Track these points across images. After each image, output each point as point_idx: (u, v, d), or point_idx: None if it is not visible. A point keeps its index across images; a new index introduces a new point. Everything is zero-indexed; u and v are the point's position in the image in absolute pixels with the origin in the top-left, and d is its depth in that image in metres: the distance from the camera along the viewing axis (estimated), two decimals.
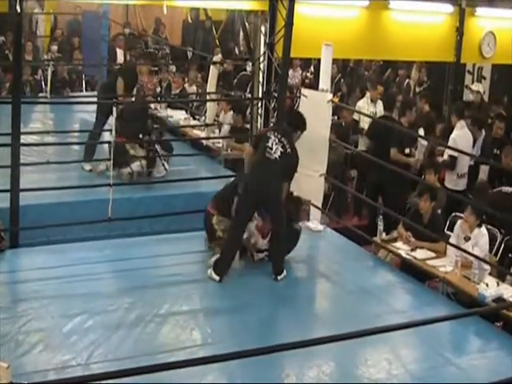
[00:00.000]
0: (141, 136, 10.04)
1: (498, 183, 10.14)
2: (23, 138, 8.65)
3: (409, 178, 9.81)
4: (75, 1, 15.74)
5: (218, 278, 7.49)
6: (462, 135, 10.61)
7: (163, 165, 10.07)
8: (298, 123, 8.22)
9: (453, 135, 10.58)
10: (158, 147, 10.16)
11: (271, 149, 7.67)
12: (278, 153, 7.68)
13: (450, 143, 10.39)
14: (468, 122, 10.87)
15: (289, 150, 7.76)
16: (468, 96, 14.01)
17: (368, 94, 12.64)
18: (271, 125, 9.80)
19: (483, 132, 11.12)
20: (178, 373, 5.36)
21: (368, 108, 12.15)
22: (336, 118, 12.00)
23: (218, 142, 11.69)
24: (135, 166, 9.78)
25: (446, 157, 10.51)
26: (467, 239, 8.04)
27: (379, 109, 12.34)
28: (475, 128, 10.95)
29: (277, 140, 7.72)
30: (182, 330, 6.64)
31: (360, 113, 11.82)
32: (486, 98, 14.27)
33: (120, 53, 16.90)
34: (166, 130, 12.01)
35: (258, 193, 7.67)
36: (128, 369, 4.32)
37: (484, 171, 10.62)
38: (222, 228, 7.84)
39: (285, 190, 7.95)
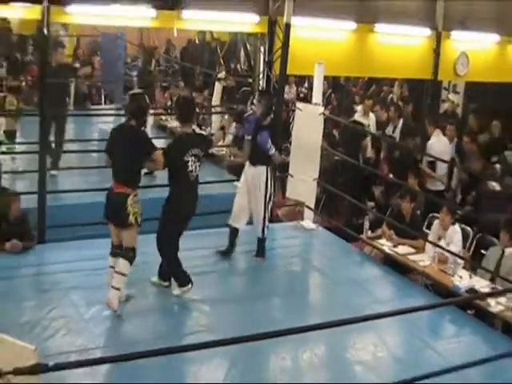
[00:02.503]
0: None
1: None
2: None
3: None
4: (95, 24, 15.70)
5: (190, 285, 6.93)
6: (437, 141, 10.83)
7: None
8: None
9: (430, 142, 10.70)
10: None
11: (192, 171, 6.86)
12: (196, 170, 6.92)
13: (427, 149, 10.48)
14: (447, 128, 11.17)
15: (202, 153, 6.99)
16: (444, 105, 14.12)
17: (360, 108, 12.61)
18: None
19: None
20: (186, 355, 5.39)
21: (362, 121, 12.15)
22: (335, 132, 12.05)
23: (222, 150, 11.67)
24: None
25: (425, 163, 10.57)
26: (441, 238, 8.06)
27: (372, 121, 12.36)
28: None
29: (193, 158, 6.84)
30: (189, 318, 6.64)
31: (353, 123, 11.81)
32: (459, 111, 14.33)
33: None
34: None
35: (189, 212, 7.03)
36: (142, 351, 4.30)
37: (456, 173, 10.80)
38: (136, 211, 6.58)
39: None
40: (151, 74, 13.62)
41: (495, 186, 9.46)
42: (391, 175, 10.85)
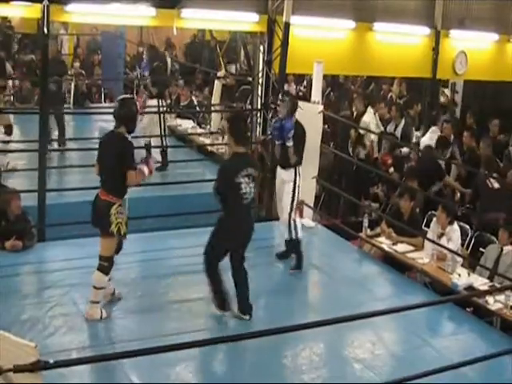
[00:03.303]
0: None
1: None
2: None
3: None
4: (95, 23, 15.69)
5: (223, 312, 6.58)
6: (433, 137, 11.04)
7: None
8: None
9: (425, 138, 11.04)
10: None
11: (246, 193, 6.37)
12: (251, 192, 6.44)
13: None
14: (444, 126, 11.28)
15: (257, 173, 6.57)
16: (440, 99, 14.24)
17: (370, 109, 12.59)
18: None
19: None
20: (186, 353, 5.40)
21: (373, 118, 12.29)
22: (326, 126, 11.98)
23: (222, 148, 11.67)
24: None
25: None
26: (440, 236, 8.07)
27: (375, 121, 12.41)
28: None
29: (247, 179, 6.36)
30: (191, 315, 6.64)
31: (348, 122, 11.81)
32: (458, 109, 14.36)
33: None
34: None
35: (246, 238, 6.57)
36: (142, 349, 4.31)
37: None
38: (119, 221, 6.34)
39: None
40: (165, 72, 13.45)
41: (494, 183, 9.46)
42: (392, 170, 10.91)
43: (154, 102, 11.01)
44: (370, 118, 12.20)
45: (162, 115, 10.82)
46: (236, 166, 6.38)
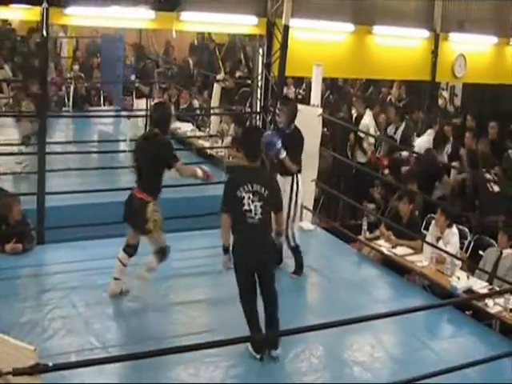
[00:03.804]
0: None
1: None
2: (48, 148, 8.63)
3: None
4: (94, 26, 15.70)
5: (258, 355, 5.95)
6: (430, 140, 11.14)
7: None
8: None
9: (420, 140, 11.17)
10: None
11: (250, 211, 5.81)
12: (258, 212, 5.82)
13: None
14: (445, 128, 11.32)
15: (267, 192, 5.86)
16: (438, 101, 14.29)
17: (368, 111, 12.60)
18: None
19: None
20: (186, 355, 5.38)
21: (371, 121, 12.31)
22: (326, 129, 11.99)
23: (221, 151, 11.68)
24: None
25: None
26: (438, 239, 8.08)
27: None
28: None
29: (251, 195, 5.81)
30: (191, 318, 6.64)
31: (346, 125, 11.81)
32: (455, 112, 14.40)
33: None
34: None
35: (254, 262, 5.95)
36: (142, 352, 4.31)
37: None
38: (156, 219, 6.56)
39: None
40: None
41: (494, 186, 9.48)
42: (387, 171, 10.93)
43: (142, 101, 11.11)
44: (369, 121, 12.21)
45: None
46: (240, 179, 5.92)
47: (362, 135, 11.74)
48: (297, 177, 7.70)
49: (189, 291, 7.20)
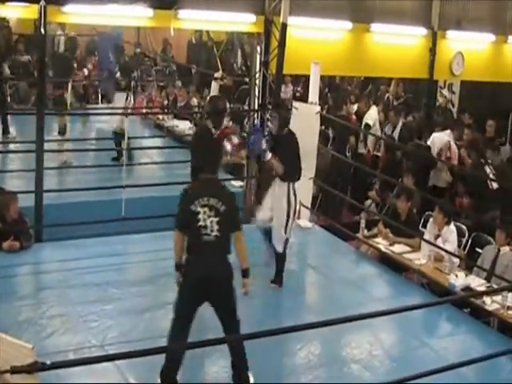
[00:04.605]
0: None
1: None
2: (46, 145, 8.62)
3: None
4: (92, 24, 15.67)
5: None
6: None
7: None
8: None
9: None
10: None
11: (205, 227, 5.25)
12: (214, 228, 5.26)
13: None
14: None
15: (224, 207, 5.28)
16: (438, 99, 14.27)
17: (374, 107, 12.64)
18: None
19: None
20: (189, 353, 5.38)
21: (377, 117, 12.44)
22: (324, 127, 12.01)
23: None
24: None
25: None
26: (436, 237, 8.07)
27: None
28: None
29: (206, 209, 5.25)
30: None
31: (345, 122, 11.83)
32: (455, 110, 14.39)
33: None
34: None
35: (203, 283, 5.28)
36: (139, 350, 4.31)
37: None
38: None
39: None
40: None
41: (493, 183, 9.49)
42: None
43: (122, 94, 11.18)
44: (375, 116, 12.29)
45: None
46: (195, 193, 5.36)
47: (370, 124, 11.92)
48: (292, 186, 7.36)
49: None
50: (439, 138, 11.08)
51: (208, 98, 7.66)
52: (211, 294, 5.28)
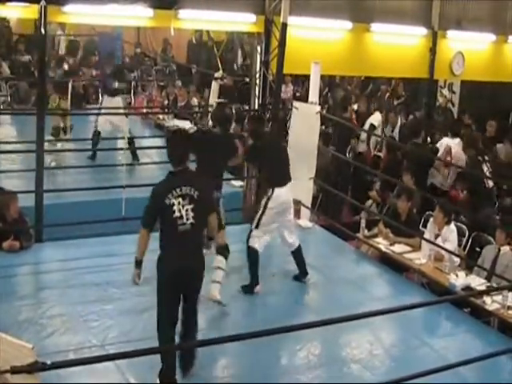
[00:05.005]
0: None
1: None
2: (46, 145, 8.63)
3: None
4: (92, 24, 15.67)
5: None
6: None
7: None
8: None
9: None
10: None
11: (181, 217, 5.36)
12: (191, 217, 5.38)
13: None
14: None
15: (198, 193, 5.42)
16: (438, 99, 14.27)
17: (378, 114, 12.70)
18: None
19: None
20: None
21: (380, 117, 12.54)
22: (324, 127, 12.02)
23: None
24: None
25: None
26: (436, 236, 8.08)
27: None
28: None
29: (180, 199, 5.36)
30: None
31: (349, 124, 11.85)
32: (455, 110, 14.39)
33: None
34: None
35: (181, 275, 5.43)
36: (139, 349, 4.31)
37: None
38: (223, 212, 6.92)
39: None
40: None
41: (489, 182, 9.51)
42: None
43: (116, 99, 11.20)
44: (380, 117, 12.35)
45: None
46: (167, 186, 5.44)
47: (375, 124, 11.97)
48: (272, 192, 7.38)
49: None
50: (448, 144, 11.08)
51: (215, 104, 7.74)
52: (188, 286, 5.45)
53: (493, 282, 7.43)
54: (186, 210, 5.34)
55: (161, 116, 14.10)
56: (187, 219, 5.34)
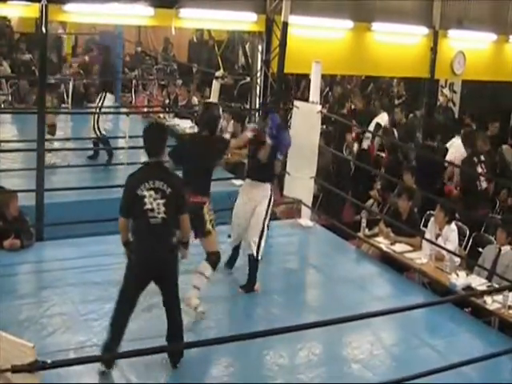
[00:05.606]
0: None
1: None
2: (47, 144, 8.62)
3: None
4: (93, 23, 15.68)
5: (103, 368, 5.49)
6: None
7: None
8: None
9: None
10: None
11: (152, 210, 5.40)
12: (162, 211, 5.41)
13: None
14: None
15: (170, 189, 5.42)
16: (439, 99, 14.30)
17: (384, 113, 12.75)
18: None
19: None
20: (189, 352, 5.39)
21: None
22: (325, 126, 12.02)
23: None
24: None
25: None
26: (437, 236, 8.07)
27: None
28: None
29: (152, 192, 5.39)
30: (188, 315, 6.62)
31: (343, 120, 11.83)
32: (456, 109, 14.41)
33: None
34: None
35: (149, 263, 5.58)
36: (140, 349, 4.30)
37: None
38: (212, 218, 6.60)
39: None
40: None
41: (482, 182, 9.53)
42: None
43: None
44: (386, 118, 12.37)
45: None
46: (140, 177, 5.50)
47: (381, 124, 12.01)
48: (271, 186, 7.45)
49: (186, 289, 7.17)
50: (456, 147, 11.06)
51: (202, 104, 7.33)
52: (156, 276, 5.56)
53: (493, 282, 7.42)
54: (158, 204, 5.39)
55: (161, 115, 14.10)
56: (158, 213, 5.40)
